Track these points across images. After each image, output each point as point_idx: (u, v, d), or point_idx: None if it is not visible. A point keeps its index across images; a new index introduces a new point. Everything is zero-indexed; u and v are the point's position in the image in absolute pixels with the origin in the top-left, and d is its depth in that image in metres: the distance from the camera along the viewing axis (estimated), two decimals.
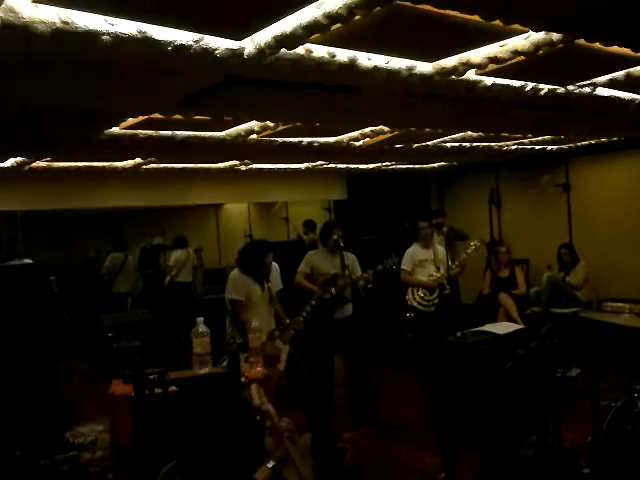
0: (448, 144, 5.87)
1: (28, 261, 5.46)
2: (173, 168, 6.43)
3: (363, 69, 2.70)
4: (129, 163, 5.87)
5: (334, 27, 2.18)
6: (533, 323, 6.23)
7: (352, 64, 2.64)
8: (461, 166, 8.48)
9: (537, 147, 6.84)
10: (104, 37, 2.07)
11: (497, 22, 2.22)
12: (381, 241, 7.61)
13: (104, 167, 5.97)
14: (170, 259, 9.51)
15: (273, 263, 4.46)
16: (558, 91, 3.60)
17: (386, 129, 4.79)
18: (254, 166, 6.79)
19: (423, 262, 6.14)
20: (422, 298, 6.02)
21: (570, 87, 3.61)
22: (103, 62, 2.34)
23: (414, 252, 6.21)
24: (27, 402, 5.20)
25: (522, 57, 2.78)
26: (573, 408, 4.42)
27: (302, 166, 7.11)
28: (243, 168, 6.77)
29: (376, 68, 2.73)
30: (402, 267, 6.02)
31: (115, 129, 4.07)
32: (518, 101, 3.67)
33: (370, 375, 5.61)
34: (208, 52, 2.33)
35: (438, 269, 6.02)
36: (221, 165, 6.53)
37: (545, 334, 3.88)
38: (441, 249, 6.08)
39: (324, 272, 5.33)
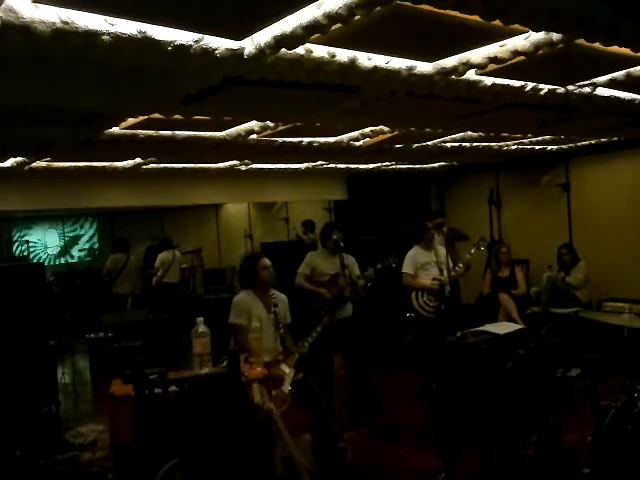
0: (448, 144, 5.87)
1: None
2: (173, 168, 6.43)
3: (363, 69, 2.70)
4: (129, 163, 5.87)
5: (334, 27, 2.18)
6: (533, 323, 6.21)
7: (352, 64, 2.64)
8: (461, 166, 8.47)
9: (537, 147, 6.84)
10: (104, 37, 2.07)
11: (497, 22, 2.22)
12: (381, 241, 7.60)
13: (104, 167, 5.97)
14: (156, 260, 9.54)
15: (281, 294, 4.40)
16: (558, 91, 3.60)
17: (386, 129, 4.79)
18: (254, 166, 6.78)
19: (425, 265, 5.84)
20: (426, 304, 5.76)
21: (570, 87, 3.61)
22: (103, 62, 2.34)
23: (416, 255, 5.90)
24: (27, 402, 5.21)
25: (522, 57, 2.78)
26: (573, 408, 4.41)
27: (302, 166, 7.11)
28: (243, 168, 6.77)
29: (376, 68, 2.73)
30: (404, 271, 5.78)
31: (115, 129, 4.07)
32: (518, 101, 3.67)
33: (372, 375, 5.60)
34: (208, 52, 2.33)
35: (441, 271, 5.67)
36: (221, 165, 6.52)
37: (545, 334, 3.87)
38: (442, 250, 5.89)
39: (324, 273, 5.33)
